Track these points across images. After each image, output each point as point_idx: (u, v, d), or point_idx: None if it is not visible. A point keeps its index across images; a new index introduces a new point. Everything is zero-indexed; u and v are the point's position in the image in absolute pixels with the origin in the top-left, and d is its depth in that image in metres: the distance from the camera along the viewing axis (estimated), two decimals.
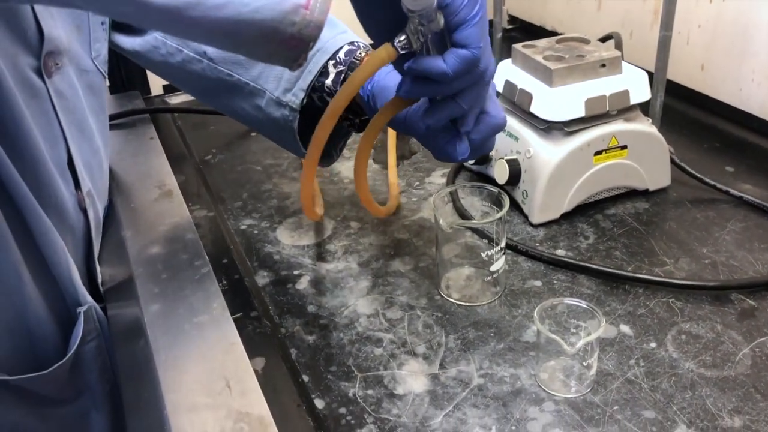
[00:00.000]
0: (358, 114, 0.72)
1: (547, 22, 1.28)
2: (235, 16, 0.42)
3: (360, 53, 0.67)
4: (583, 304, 0.57)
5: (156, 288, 0.64)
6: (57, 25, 0.62)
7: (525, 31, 1.34)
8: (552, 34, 1.26)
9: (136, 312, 0.62)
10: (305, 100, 0.67)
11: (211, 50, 0.71)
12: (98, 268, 0.68)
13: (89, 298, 0.63)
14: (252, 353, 0.59)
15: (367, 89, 0.65)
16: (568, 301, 0.58)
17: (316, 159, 0.57)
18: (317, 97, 0.68)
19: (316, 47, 0.66)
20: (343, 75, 0.67)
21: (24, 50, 0.58)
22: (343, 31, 0.69)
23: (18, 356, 0.58)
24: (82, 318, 0.61)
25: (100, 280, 0.67)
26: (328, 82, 0.67)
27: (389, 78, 0.63)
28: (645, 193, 0.82)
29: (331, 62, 0.67)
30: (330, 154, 0.75)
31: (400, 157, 0.92)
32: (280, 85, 0.68)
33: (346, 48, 0.67)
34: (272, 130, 0.72)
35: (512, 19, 1.37)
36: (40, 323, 0.59)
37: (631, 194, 0.82)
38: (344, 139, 0.76)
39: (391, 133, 0.95)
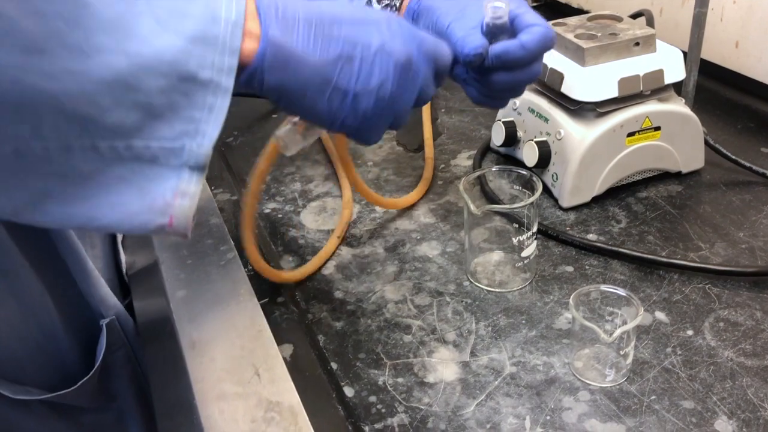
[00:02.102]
0: None
1: None
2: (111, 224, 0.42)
3: None
4: (620, 291, 0.55)
5: (182, 274, 0.63)
6: None
7: (551, 8, 1.31)
8: (579, 11, 1.23)
9: (161, 300, 0.61)
10: None
11: None
12: (122, 256, 0.67)
13: (112, 304, 0.62)
14: (279, 340, 0.58)
15: (413, 8, 0.64)
16: (604, 288, 0.56)
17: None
18: None
19: None
20: (388, 9, 0.65)
21: None
22: None
23: (48, 373, 0.58)
24: (105, 331, 0.60)
25: (124, 269, 0.67)
26: None
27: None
28: (677, 176, 0.80)
29: None
30: None
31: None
32: None
33: None
34: None
35: None
36: (67, 339, 0.59)
37: (664, 177, 0.79)
38: None
39: (426, 107, 0.94)
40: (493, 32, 0.59)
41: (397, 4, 0.67)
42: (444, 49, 0.54)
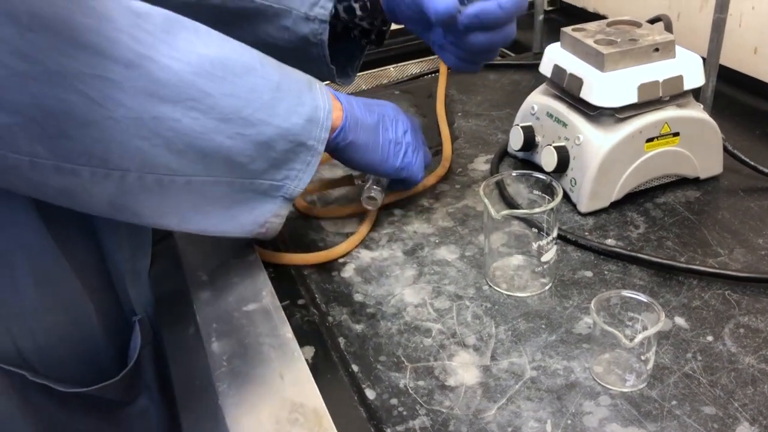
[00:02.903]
0: (375, 23, 0.77)
1: (589, 3, 1.25)
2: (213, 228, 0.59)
3: None
4: (641, 297, 0.55)
5: (204, 275, 0.64)
6: None
7: (566, 13, 1.31)
8: (595, 16, 1.24)
9: (185, 300, 0.62)
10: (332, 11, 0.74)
11: None
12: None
13: (143, 301, 0.63)
14: (301, 342, 0.59)
15: None
16: (626, 293, 0.56)
17: None
18: (343, 7, 0.76)
19: None
20: None
21: None
22: None
23: (84, 369, 0.60)
24: (138, 327, 0.62)
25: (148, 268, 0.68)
26: None
27: None
28: (696, 181, 0.80)
29: None
30: (347, 72, 0.81)
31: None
32: (305, 1, 0.72)
33: None
34: (299, 49, 0.75)
35: (552, 1, 1.34)
36: (103, 337, 0.61)
37: (681, 182, 0.79)
38: (359, 56, 0.82)
39: (441, 109, 0.95)
40: None
41: None
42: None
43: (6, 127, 0.45)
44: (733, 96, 0.98)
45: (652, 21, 0.83)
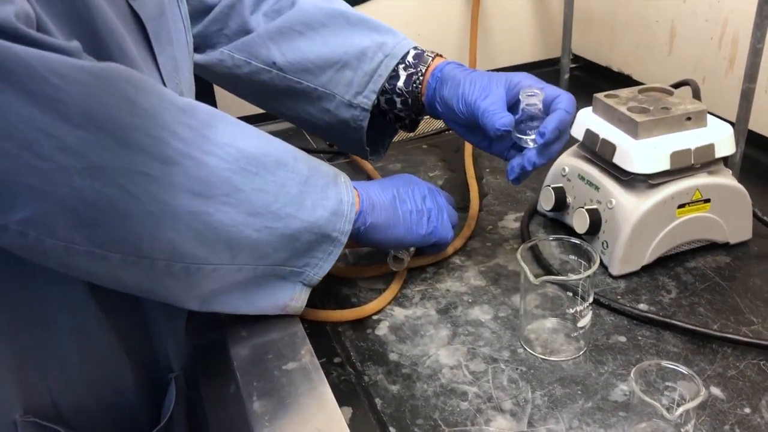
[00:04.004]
0: (411, 112, 0.80)
1: (613, 62, 1.27)
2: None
3: (427, 57, 0.78)
4: (682, 369, 0.56)
5: (243, 331, 0.64)
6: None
7: (589, 70, 1.34)
8: (618, 75, 1.26)
9: (224, 356, 0.62)
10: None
11: (280, 60, 0.77)
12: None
13: (179, 358, 0.64)
14: (339, 402, 0.59)
15: (432, 85, 0.77)
16: (665, 364, 0.57)
17: None
18: (384, 99, 0.79)
19: (384, 53, 0.77)
20: (414, 77, 0.77)
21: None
22: (404, 38, 0.79)
23: (118, 424, 0.61)
24: (173, 384, 0.62)
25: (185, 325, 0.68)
26: (400, 84, 0.78)
27: (455, 70, 0.76)
28: (725, 246, 0.81)
29: (401, 66, 0.78)
30: (378, 150, 0.85)
31: None
32: (350, 89, 0.77)
33: (413, 52, 0.78)
34: (338, 130, 0.80)
35: (575, 58, 1.36)
36: (137, 393, 0.61)
37: (711, 247, 0.80)
38: (391, 136, 0.86)
39: (469, 165, 0.96)
40: (531, 115, 0.72)
41: (423, 70, 0.77)
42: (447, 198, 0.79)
43: (46, 214, 0.46)
44: (761, 160, 0.99)
45: (678, 85, 0.84)
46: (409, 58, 0.77)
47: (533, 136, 0.71)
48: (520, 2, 1.35)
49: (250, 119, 0.86)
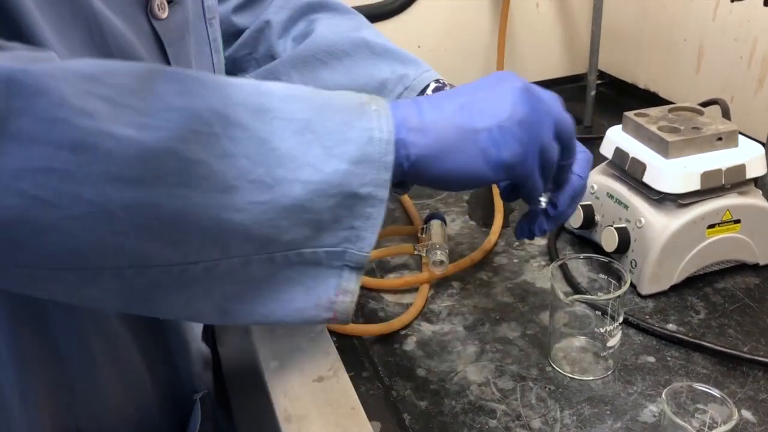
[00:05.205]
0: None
1: (639, 79, 1.27)
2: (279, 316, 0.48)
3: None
4: (715, 392, 0.55)
5: (273, 344, 0.65)
6: None
7: (614, 87, 1.33)
8: (644, 92, 1.26)
9: (254, 370, 0.63)
10: None
11: None
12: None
13: (205, 377, 0.64)
14: (368, 416, 0.59)
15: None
16: (697, 386, 0.56)
17: None
18: None
19: (404, 85, 0.72)
20: None
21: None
22: (427, 69, 0.73)
23: None
24: (199, 405, 0.62)
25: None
26: None
27: None
28: (755, 267, 0.80)
29: None
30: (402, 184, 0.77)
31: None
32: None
33: (433, 85, 0.72)
34: None
35: (601, 74, 1.36)
36: (161, 414, 0.61)
37: (740, 267, 0.80)
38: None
39: (497, 194, 0.96)
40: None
41: None
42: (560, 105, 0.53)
43: None
44: None
45: (707, 104, 0.84)
46: (429, 91, 0.72)
47: (545, 198, 0.61)
48: (548, 18, 1.35)
49: None
